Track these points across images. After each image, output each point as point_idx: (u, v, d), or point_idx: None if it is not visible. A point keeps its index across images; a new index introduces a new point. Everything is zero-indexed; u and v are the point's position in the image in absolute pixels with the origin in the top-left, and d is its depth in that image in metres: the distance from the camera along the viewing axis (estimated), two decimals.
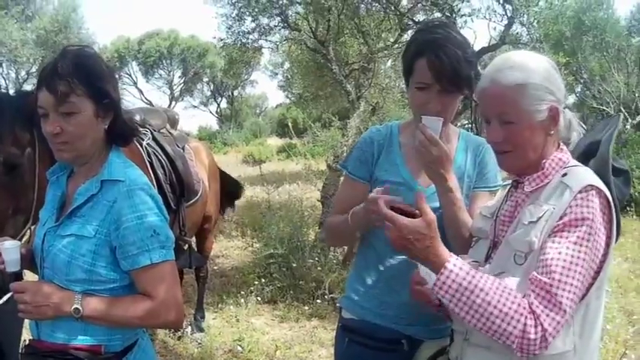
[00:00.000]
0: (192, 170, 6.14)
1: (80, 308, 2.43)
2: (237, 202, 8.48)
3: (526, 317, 2.02)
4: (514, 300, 2.05)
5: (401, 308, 2.92)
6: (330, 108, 19.16)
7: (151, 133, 5.75)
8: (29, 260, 2.68)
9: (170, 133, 6.25)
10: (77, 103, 2.45)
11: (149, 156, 5.45)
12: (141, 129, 5.70)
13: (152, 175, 5.36)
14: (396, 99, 16.61)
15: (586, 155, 2.39)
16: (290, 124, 22.26)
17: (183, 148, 6.23)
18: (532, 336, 2.01)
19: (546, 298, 2.03)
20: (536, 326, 2.01)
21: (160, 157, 5.57)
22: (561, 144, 2.38)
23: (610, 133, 2.36)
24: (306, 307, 7.72)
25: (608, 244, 2.16)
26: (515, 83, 2.21)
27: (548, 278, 2.04)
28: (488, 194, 2.92)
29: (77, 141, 2.50)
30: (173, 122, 6.71)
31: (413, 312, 2.89)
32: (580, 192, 2.11)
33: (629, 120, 25.76)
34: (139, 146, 5.38)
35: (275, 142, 44.45)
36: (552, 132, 2.29)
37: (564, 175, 2.22)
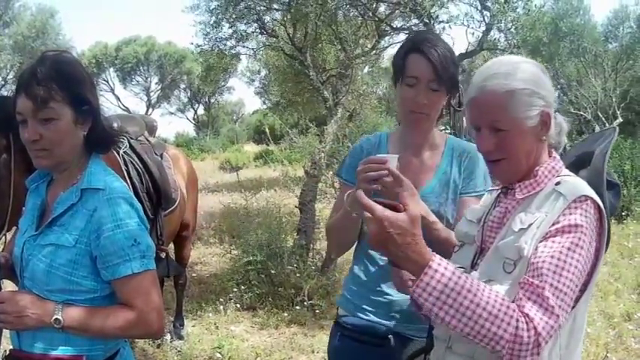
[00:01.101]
0: (170, 178, 6.11)
1: (61, 319, 2.39)
2: (215, 209, 8.46)
3: (517, 320, 1.90)
4: (502, 302, 1.92)
5: (389, 306, 3.03)
6: (307, 114, 19.14)
7: (128, 141, 5.71)
8: (9, 269, 2.65)
9: (148, 140, 6.20)
10: (56, 109, 2.42)
11: (126, 164, 5.41)
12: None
13: (129, 184, 5.34)
14: (373, 105, 16.66)
15: (577, 165, 2.37)
16: (267, 130, 22.25)
17: (161, 156, 6.18)
18: (525, 339, 1.88)
19: (537, 302, 1.94)
20: (529, 329, 1.89)
21: (136, 166, 5.53)
22: (553, 152, 2.34)
23: (606, 144, 2.33)
24: (286, 314, 7.71)
25: (597, 257, 2.12)
26: (504, 90, 2.18)
27: (540, 281, 1.95)
28: (475, 199, 2.93)
29: (56, 147, 2.47)
30: (151, 129, 6.66)
31: (403, 309, 2.99)
32: (574, 201, 2.08)
33: (606, 125, 25.94)
34: (116, 155, 5.35)
35: (252, 148, 44.46)
36: (544, 138, 2.26)
37: (558, 183, 2.18)
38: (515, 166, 2.26)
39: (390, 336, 3.02)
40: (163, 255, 6.09)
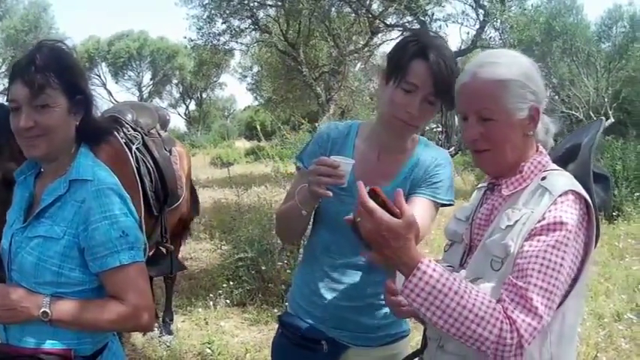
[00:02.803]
0: (177, 174, 6.10)
1: (49, 312, 2.37)
2: (205, 205, 8.45)
3: (502, 322, 1.92)
4: (489, 304, 1.94)
5: (327, 310, 2.93)
6: (299, 111, 19.17)
7: (142, 137, 5.68)
8: None
9: (159, 134, 6.18)
10: (52, 96, 2.40)
11: (137, 162, 5.40)
12: (133, 132, 5.65)
13: (138, 181, 5.32)
14: (365, 102, 16.64)
15: (565, 159, 2.35)
16: (258, 126, 22.26)
17: (170, 152, 6.19)
18: (508, 341, 1.91)
19: (521, 303, 1.95)
20: (512, 331, 1.92)
21: (147, 164, 5.53)
22: (540, 147, 2.32)
23: (591, 136, 2.30)
24: (276, 310, 7.67)
25: (586, 252, 2.10)
26: (498, 79, 2.15)
27: (524, 282, 1.96)
28: (429, 204, 2.84)
29: (50, 134, 2.44)
30: (164, 123, 6.63)
31: (340, 316, 2.92)
32: (560, 196, 2.05)
33: None
34: (127, 151, 5.34)
35: (243, 144, 44.48)
36: (530, 133, 2.24)
37: (543, 178, 2.16)
38: (500, 158, 2.24)
39: (323, 341, 2.94)
40: (165, 251, 6.11)
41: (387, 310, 2.85)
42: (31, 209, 2.59)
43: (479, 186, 2.63)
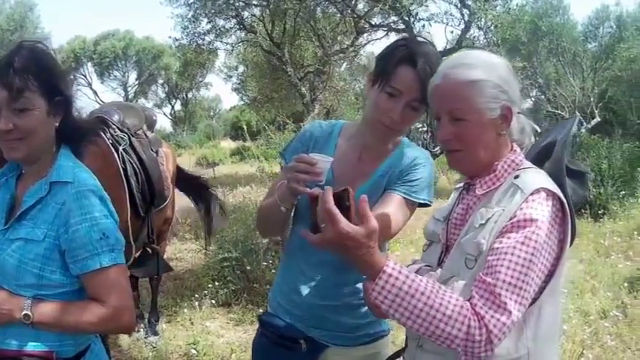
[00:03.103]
0: (164, 176, 6.08)
1: (30, 314, 2.36)
2: (191, 205, 8.45)
3: (469, 319, 1.95)
4: (456, 303, 1.98)
5: (306, 309, 2.94)
6: (284, 111, 19.15)
7: (129, 138, 5.66)
8: None
9: (146, 135, 6.16)
10: (31, 99, 2.38)
11: (124, 162, 5.38)
12: (120, 133, 5.63)
13: (125, 183, 5.31)
14: (350, 102, 16.66)
15: (541, 157, 2.35)
16: (244, 126, 22.24)
17: (156, 152, 6.17)
18: (477, 337, 1.94)
19: (490, 299, 1.97)
20: (480, 328, 1.94)
21: (134, 165, 5.51)
22: (514, 145, 2.33)
23: (565, 133, 2.31)
24: (261, 310, 7.63)
25: (561, 248, 2.11)
26: (469, 80, 2.17)
27: (492, 278, 1.99)
28: (403, 201, 2.81)
29: (30, 137, 2.42)
30: (150, 123, 6.61)
31: (318, 315, 2.93)
32: (532, 194, 2.07)
33: (584, 124, 26.13)
34: (114, 152, 5.32)
35: (228, 144, 44.44)
36: (504, 132, 2.25)
37: (517, 177, 2.17)
38: (473, 158, 2.25)
39: (301, 340, 2.95)
40: (152, 252, 6.09)
41: (365, 309, 2.86)
42: (12, 211, 2.57)
43: (456, 186, 2.64)
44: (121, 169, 5.32)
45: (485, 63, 2.23)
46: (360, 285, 2.67)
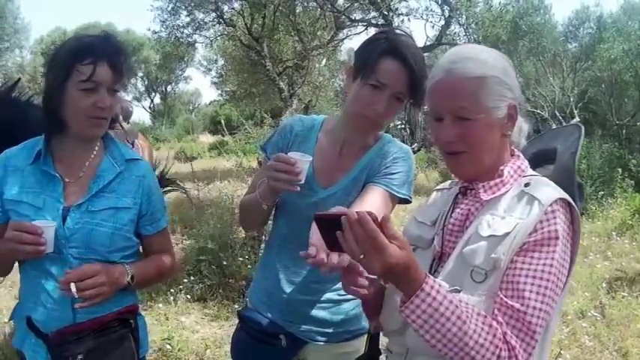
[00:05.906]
0: None
1: (133, 276, 2.72)
2: (166, 199, 8.40)
3: (500, 349, 1.85)
4: (489, 330, 1.85)
5: (286, 304, 2.95)
6: (263, 106, 19.11)
7: None
8: None
9: (121, 126, 6.09)
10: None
11: None
12: None
13: None
14: (329, 97, 16.63)
15: (534, 163, 2.27)
16: (223, 121, 22.11)
17: (132, 144, 6.10)
18: None
19: (518, 327, 1.88)
20: (510, 357, 1.86)
21: None
22: (516, 150, 2.21)
23: (573, 143, 2.23)
24: (237, 306, 7.63)
25: (572, 259, 2.04)
26: (475, 75, 2.01)
27: (522, 305, 1.89)
28: (384, 193, 2.77)
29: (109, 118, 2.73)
30: (127, 114, 6.58)
31: (298, 310, 2.94)
32: (551, 206, 1.96)
33: (563, 124, 26.24)
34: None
35: (207, 139, 44.34)
36: (509, 132, 2.13)
37: (527, 185, 2.06)
38: (476, 161, 2.11)
39: (281, 336, 2.93)
40: None
41: (346, 306, 2.91)
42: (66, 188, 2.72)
43: (439, 187, 2.51)
44: None
45: (489, 57, 2.09)
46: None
